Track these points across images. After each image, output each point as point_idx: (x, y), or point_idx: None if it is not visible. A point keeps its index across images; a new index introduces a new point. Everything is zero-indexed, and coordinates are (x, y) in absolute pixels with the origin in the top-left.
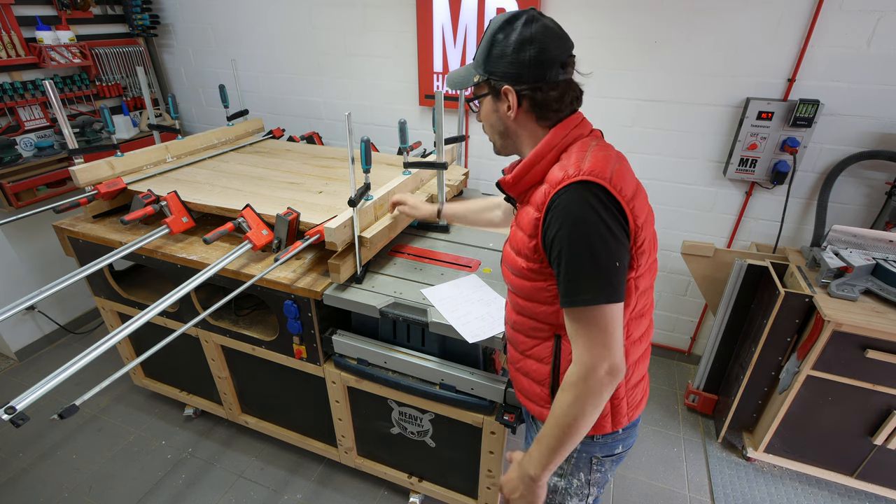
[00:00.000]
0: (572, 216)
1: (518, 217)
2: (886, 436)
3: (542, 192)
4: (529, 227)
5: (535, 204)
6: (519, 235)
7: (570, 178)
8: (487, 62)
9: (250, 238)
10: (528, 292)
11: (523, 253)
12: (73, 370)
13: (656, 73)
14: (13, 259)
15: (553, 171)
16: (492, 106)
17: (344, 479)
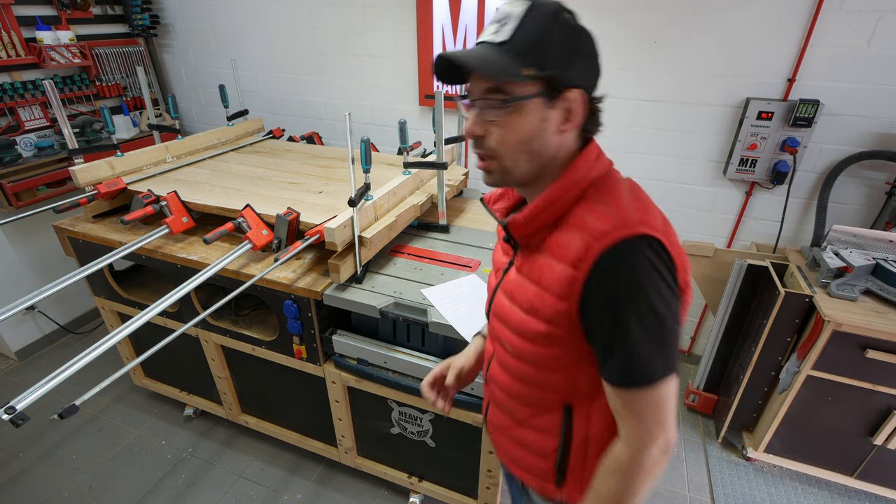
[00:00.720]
0: (634, 281)
1: (528, 267)
2: (886, 436)
3: (577, 243)
4: (558, 285)
5: (565, 257)
6: (533, 292)
7: (625, 229)
8: (545, 52)
9: (250, 238)
10: (539, 359)
11: (543, 315)
12: (73, 370)
13: (656, 73)
14: (13, 259)
15: (584, 216)
16: (539, 114)
17: (344, 479)
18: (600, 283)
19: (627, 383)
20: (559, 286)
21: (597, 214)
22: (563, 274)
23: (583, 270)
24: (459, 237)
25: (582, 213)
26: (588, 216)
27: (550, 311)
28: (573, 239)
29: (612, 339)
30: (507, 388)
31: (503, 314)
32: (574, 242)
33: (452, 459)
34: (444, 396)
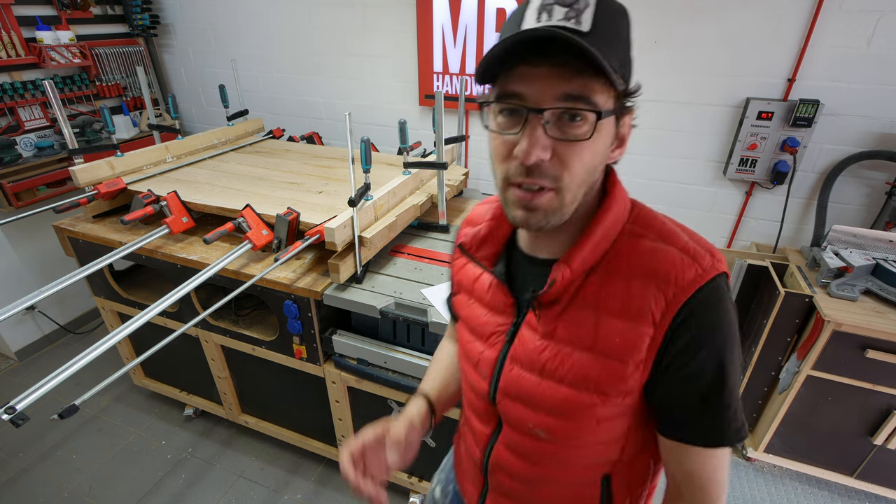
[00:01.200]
0: (728, 330)
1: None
2: (886, 436)
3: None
4: (629, 348)
5: (634, 313)
6: (585, 360)
7: (708, 272)
8: (625, 56)
9: (250, 238)
10: (587, 436)
11: (605, 386)
12: (73, 370)
13: (656, 73)
14: (13, 259)
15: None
16: (611, 135)
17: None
18: (694, 339)
19: (719, 442)
20: (632, 350)
21: (667, 258)
22: (637, 334)
23: (665, 326)
24: None
25: (640, 254)
26: (655, 261)
27: (617, 380)
28: (643, 290)
29: (707, 396)
30: (528, 477)
31: (527, 394)
32: (646, 295)
33: None
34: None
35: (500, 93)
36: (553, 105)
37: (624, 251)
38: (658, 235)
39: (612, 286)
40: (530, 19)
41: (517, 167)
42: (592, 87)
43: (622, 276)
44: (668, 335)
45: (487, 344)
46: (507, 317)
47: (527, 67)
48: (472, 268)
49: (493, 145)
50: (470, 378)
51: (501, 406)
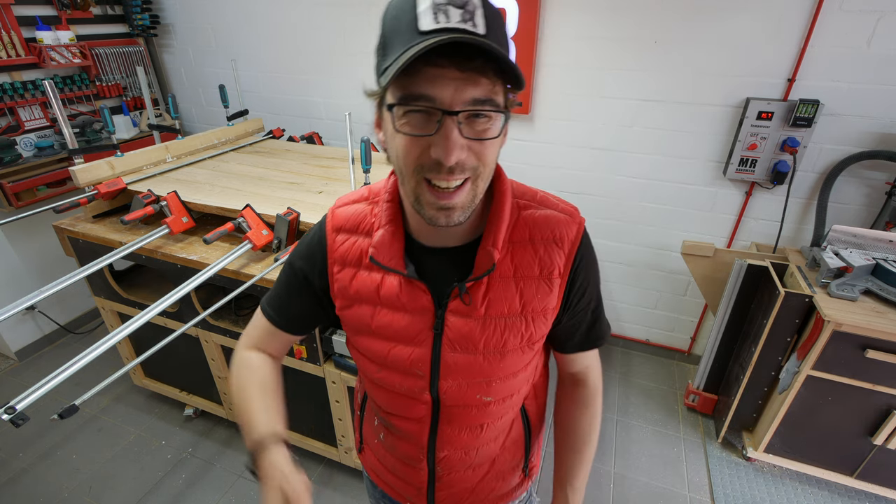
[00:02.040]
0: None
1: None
2: (886, 436)
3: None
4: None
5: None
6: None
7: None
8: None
9: (250, 238)
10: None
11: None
12: (73, 370)
13: (656, 73)
14: (13, 259)
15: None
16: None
17: (344, 479)
18: (584, 274)
19: (601, 343)
20: (550, 301)
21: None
22: (550, 288)
23: (566, 275)
24: None
25: (538, 223)
26: (549, 225)
27: (542, 329)
28: (548, 252)
29: (595, 310)
30: (473, 441)
31: (471, 372)
32: (551, 254)
33: None
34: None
35: (406, 94)
36: (464, 108)
37: (520, 223)
38: (539, 203)
39: (523, 254)
40: (426, 19)
41: (433, 166)
42: (496, 89)
43: (527, 244)
44: (569, 280)
45: (414, 344)
46: (426, 312)
47: (433, 69)
48: (367, 275)
49: (401, 145)
50: (397, 384)
51: (446, 394)
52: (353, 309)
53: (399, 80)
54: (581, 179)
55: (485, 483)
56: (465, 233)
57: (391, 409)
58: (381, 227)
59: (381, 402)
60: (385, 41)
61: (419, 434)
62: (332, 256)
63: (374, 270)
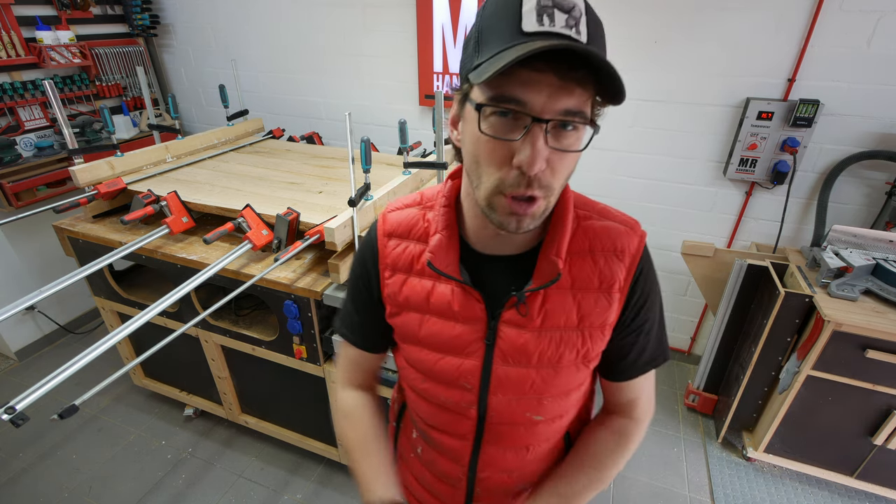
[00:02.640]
0: (655, 276)
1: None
2: (886, 436)
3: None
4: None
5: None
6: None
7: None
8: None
9: (250, 238)
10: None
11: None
12: (73, 370)
13: (656, 73)
14: (13, 259)
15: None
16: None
17: (344, 479)
18: (642, 292)
19: (657, 363)
20: (608, 315)
21: (614, 232)
22: (610, 302)
23: (626, 289)
24: None
25: (599, 234)
26: (607, 238)
27: (600, 344)
28: (609, 264)
29: (650, 331)
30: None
31: (524, 385)
32: (612, 267)
33: None
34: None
35: (497, 95)
36: (555, 116)
37: (580, 233)
38: (599, 214)
39: (582, 265)
40: (530, 20)
41: (516, 176)
42: (589, 101)
43: (586, 255)
44: (628, 294)
45: (464, 355)
46: (479, 322)
47: (530, 73)
48: (418, 282)
49: (486, 149)
50: (443, 397)
51: (494, 408)
52: (401, 316)
53: (492, 79)
54: (581, 179)
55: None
56: (523, 241)
57: (433, 422)
58: (436, 232)
59: (424, 415)
60: (480, 36)
61: (461, 451)
62: (383, 262)
63: (424, 277)
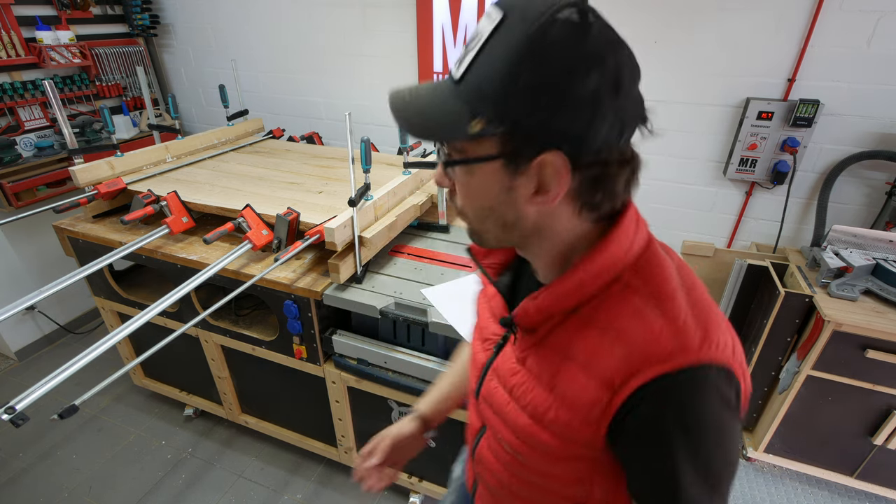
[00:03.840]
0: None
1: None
2: (886, 436)
3: (616, 357)
4: (581, 405)
5: (596, 371)
6: (543, 399)
7: (689, 355)
8: (512, 100)
9: (250, 238)
10: (548, 467)
11: (559, 431)
12: (73, 370)
13: (656, 73)
14: (13, 259)
15: (627, 320)
16: (501, 181)
17: (344, 479)
18: (647, 421)
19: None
20: (584, 407)
21: (646, 324)
22: (591, 394)
23: (621, 396)
24: (459, 237)
25: (622, 312)
26: (633, 322)
27: (567, 429)
28: (611, 350)
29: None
30: (504, 480)
31: (497, 406)
32: (612, 355)
33: (453, 459)
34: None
35: None
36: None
37: (609, 302)
38: (652, 293)
39: (585, 336)
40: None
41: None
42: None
43: (597, 329)
44: (623, 409)
45: (483, 347)
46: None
47: None
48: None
49: None
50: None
51: (481, 409)
52: (477, 298)
53: None
54: None
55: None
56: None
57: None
58: None
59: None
60: None
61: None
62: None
63: None
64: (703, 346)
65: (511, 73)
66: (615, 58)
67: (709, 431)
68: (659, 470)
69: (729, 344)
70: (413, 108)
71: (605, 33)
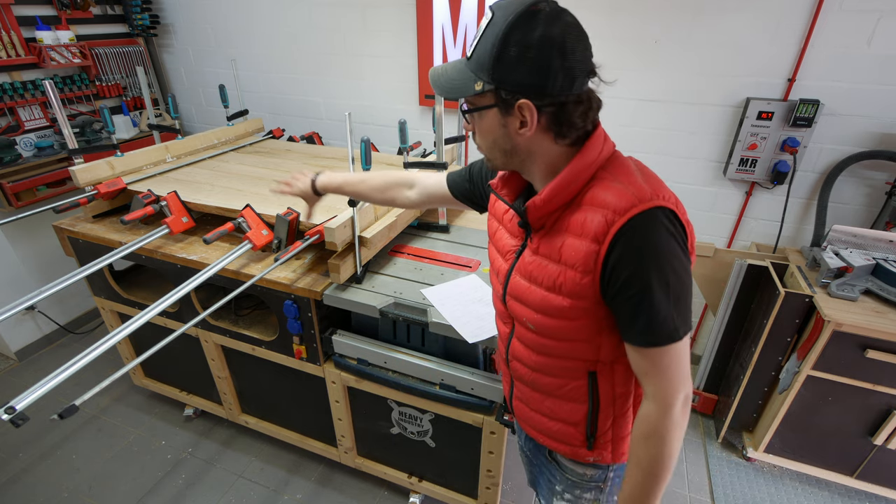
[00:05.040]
0: (654, 249)
1: (547, 248)
2: (886, 436)
3: (598, 220)
4: (581, 261)
5: (587, 233)
6: (555, 270)
7: (643, 203)
8: (497, 67)
9: (250, 238)
10: (563, 332)
11: (567, 290)
12: (73, 370)
13: (656, 72)
14: (13, 259)
15: (601, 195)
16: (498, 121)
17: (344, 479)
18: (623, 254)
19: (654, 342)
20: (582, 261)
21: (614, 192)
22: (586, 249)
23: (605, 244)
24: (459, 237)
25: (598, 192)
26: (605, 194)
27: (574, 285)
28: (593, 216)
29: (638, 303)
30: (533, 364)
31: (522, 295)
32: (595, 219)
33: (452, 459)
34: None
35: None
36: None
37: (592, 191)
38: (615, 177)
39: (576, 215)
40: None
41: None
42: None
43: (585, 209)
44: (609, 253)
45: (505, 259)
46: (518, 239)
47: None
48: (502, 203)
49: None
50: (494, 286)
51: (510, 306)
52: (490, 221)
53: None
54: None
55: (541, 413)
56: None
57: (495, 306)
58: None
59: (494, 300)
60: None
61: (503, 337)
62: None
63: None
64: (654, 198)
65: (495, 50)
66: (561, 31)
67: (664, 252)
68: (636, 290)
69: (672, 199)
70: (443, 79)
71: (554, 16)
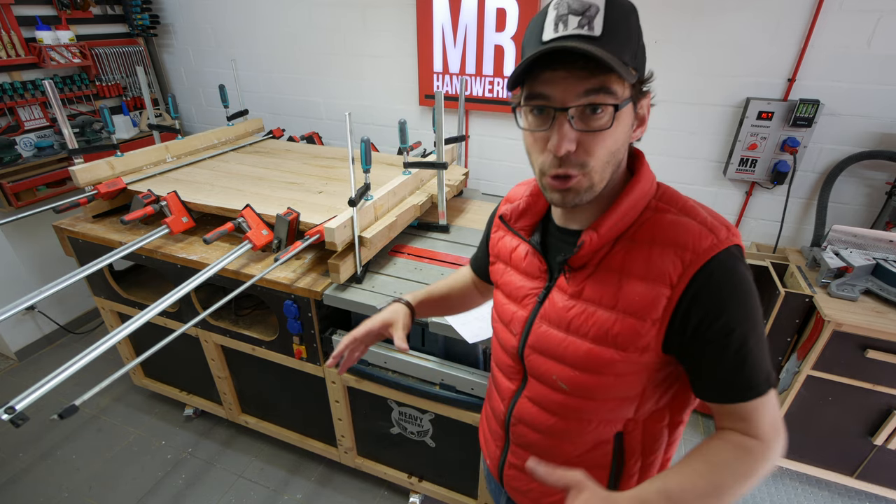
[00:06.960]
0: (743, 293)
1: (595, 291)
2: (886, 436)
3: (668, 259)
4: (647, 306)
5: (656, 276)
6: (606, 318)
7: (721, 242)
8: (635, 50)
9: (250, 238)
10: (606, 391)
11: (623, 342)
12: (73, 370)
13: (657, 72)
14: (13, 259)
15: (669, 231)
16: (630, 119)
17: (344, 479)
18: (708, 300)
19: (748, 397)
20: (648, 307)
21: (685, 228)
22: (654, 294)
23: (680, 288)
24: (459, 237)
25: (663, 227)
26: (675, 231)
27: (634, 335)
28: (662, 256)
29: (730, 355)
30: (548, 428)
31: (555, 348)
32: (665, 259)
33: (452, 459)
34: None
35: (527, 95)
36: (575, 103)
37: (648, 223)
38: (680, 210)
39: (636, 253)
40: (549, 31)
41: (551, 159)
42: (608, 83)
43: (645, 244)
44: (684, 298)
45: (520, 305)
46: (539, 281)
47: (549, 72)
48: (510, 240)
49: (528, 141)
50: (500, 336)
51: (529, 360)
52: (495, 265)
53: (526, 84)
54: None
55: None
56: (592, 218)
57: (495, 357)
58: (523, 197)
59: (494, 352)
60: (520, 52)
61: (504, 395)
62: (496, 220)
63: (515, 237)
64: (729, 235)
65: (631, 34)
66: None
67: (747, 288)
68: (729, 340)
69: (738, 232)
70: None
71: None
